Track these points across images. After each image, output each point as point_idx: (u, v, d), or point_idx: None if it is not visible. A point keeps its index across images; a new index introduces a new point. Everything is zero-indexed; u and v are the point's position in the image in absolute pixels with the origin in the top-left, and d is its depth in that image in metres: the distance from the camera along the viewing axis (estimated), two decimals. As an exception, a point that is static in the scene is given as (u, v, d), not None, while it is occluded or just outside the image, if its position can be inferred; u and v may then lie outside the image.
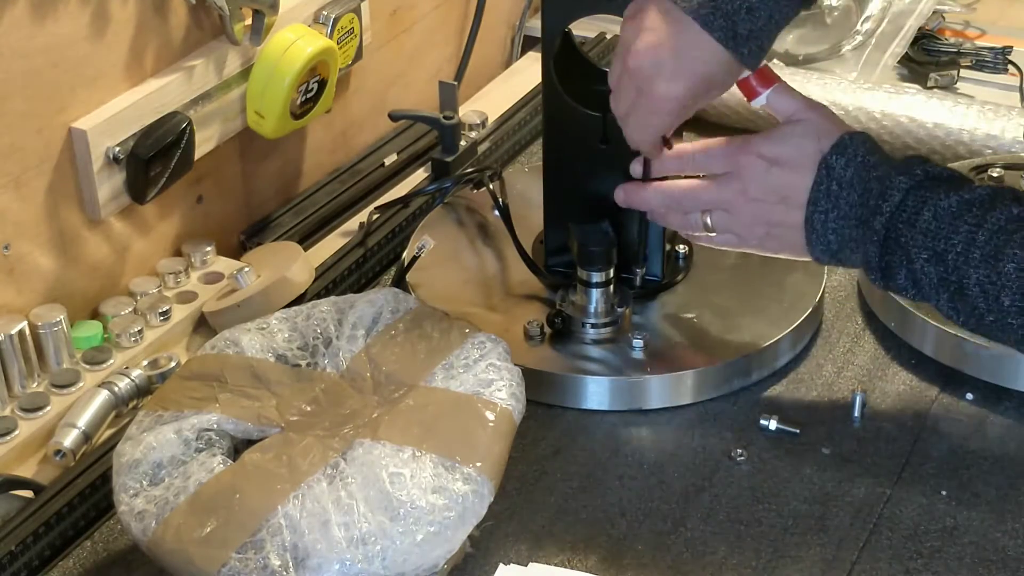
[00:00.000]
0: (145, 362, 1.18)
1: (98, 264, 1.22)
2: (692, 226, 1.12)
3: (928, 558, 1.01)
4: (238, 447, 1.00)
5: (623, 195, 1.15)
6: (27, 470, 1.09)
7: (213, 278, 1.28)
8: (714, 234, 1.11)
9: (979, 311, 0.99)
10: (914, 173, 1.02)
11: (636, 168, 1.14)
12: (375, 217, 1.37)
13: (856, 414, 1.13)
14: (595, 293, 1.18)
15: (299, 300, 1.22)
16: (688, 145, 1.12)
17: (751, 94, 1.10)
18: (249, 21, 1.26)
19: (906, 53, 1.62)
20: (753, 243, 1.10)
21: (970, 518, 1.04)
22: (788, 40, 1.67)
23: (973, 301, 0.98)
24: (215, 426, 0.99)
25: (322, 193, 1.43)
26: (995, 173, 1.34)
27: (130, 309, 1.22)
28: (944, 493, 1.06)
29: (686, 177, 1.12)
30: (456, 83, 1.49)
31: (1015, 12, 1.75)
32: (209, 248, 1.30)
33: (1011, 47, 1.63)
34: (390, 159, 1.50)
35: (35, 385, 1.14)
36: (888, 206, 1.01)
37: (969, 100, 1.52)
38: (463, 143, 1.46)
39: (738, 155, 1.08)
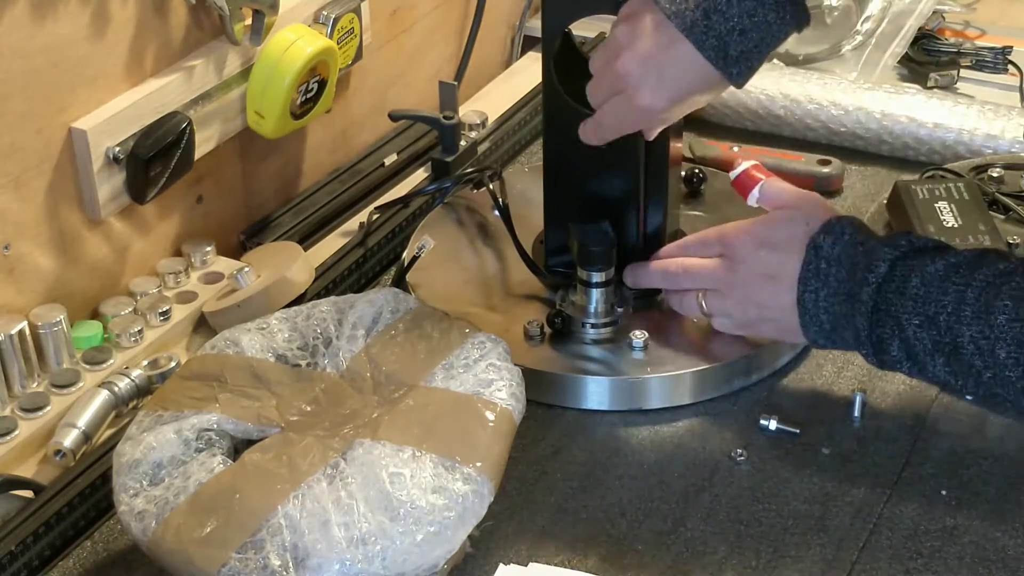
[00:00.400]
0: (145, 362, 1.18)
1: (98, 264, 1.22)
2: (689, 308, 1.16)
3: (928, 558, 1.01)
4: (238, 447, 1.00)
5: (631, 277, 1.19)
6: (27, 470, 1.09)
7: (213, 278, 1.28)
8: (711, 316, 1.15)
9: (976, 369, 0.99)
10: (899, 244, 1.03)
11: (628, 275, 1.19)
12: (375, 217, 1.37)
13: (856, 414, 1.13)
14: (595, 293, 1.18)
15: (299, 300, 1.22)
16: (688, 237, 1.18)
17: (744, 192, 1.15)
18: (249, 21, 1.26)
19: (906, 53, 1.62)
20: (747, 326, 1.13)
21: (970, 518, 1.04)
22: (788, 40, 1.67)
23: (969, 360, 0.99)
24: (215, 426, 0.99)
25: (322, 193, 1.43)
26: (995, 173, 1.34)
27: (130, 309, 1.22)
28: (944, 493, 1.06)
29: None
30: (456, 83, 1.49)
31: (1015, 12, 1.75)
32: (209, 248, 1.30)
33: (1011, 47, 1.63)
34: (390, 159, 1.49)
35: (35, 385, 1.14)
36: (875, 277, 1.02)
37: (969, 100, 1.52)
38: (463, 143, 1.46)
39: (730, 237, 1.13)
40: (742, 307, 1.12)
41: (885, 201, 1.35)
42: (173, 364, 1.17)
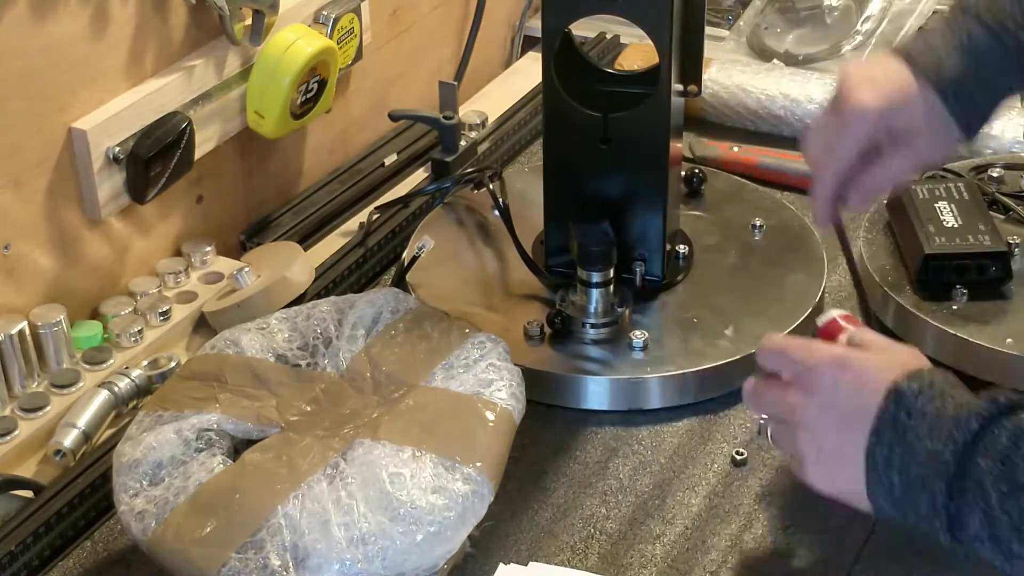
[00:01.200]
0: (145, 362, 1.18)
1: (98, 264, 1.22)
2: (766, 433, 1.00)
3: (928, 557, 1.01)
4: (238, 447, 1.00)
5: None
6: (27, 470, 1.09)
7: (213, 278, 1.28)
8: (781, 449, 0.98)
9: None
10: (997, 400, 0.85)
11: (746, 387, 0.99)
12: (375, 217, 1.37)
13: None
14: (595, 293, 1.18)
15: (299, 300, 1.22)
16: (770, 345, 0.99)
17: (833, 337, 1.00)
18: (249, 21, 1.26)
19: (906, 53, 1.62)
20: (805, 466, 0.93)
21: (970, 518, 1.04)
22: (788, 40, 1.67)
23: None
24: (215, 426, 0.99)
25: (322, 193, 1.43)
26: (995, 173, 1.34)
27: (130, 309, 1.22)
28: (944, 493, 1.06)
29: None
30: (456, 83, 1.49)
31: (1015, 12, 1.75)
32: (209, 248, 1.30)
33: (1011, 47, 1.62)
34: (390, 159, 1.50)
35: (35, 385, 1.14)
36: (962, 435, 0.84)
37: (969, 100, 1.52)
38: (463, 143, 1.46)
39: (811, 357, 0.93)
40: (808, 446, 0.92)
41: (885, 201, 1.35)
42: (173, 364, 1.17)
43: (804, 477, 0.93)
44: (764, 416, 0.98)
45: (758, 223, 1.32)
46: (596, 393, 1.16)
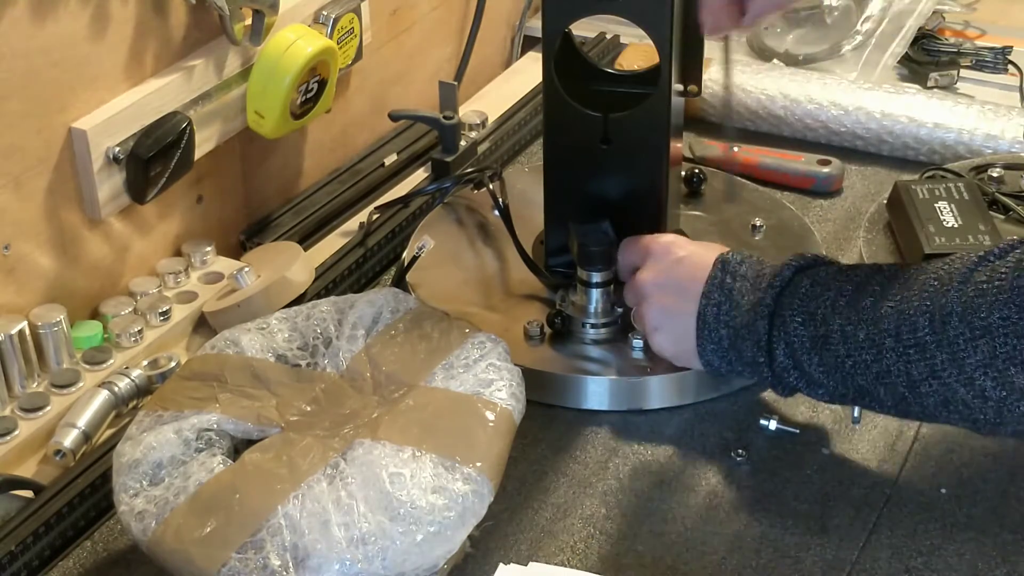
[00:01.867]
0: (145, 362, 1.18)
1: (98, 264, 1.22)
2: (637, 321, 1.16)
3: (928, 557, 1.01)
4: (238, 447, 1.00)
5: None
6: (27, 470, 1.09)
7: (213, 278, 1.28)
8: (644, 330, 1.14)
9: (839, 359, 1.00)
10: (805, 256, 1.05)
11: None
12: (375, 217, 1.37)
13: (855, 414, 1.13)
14: (595, 293, 1.18)
15: (299, 300, 1.22)
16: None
17: None
18: (249, 21, 1.26)
19: (906, 53, 1.62)
20: (653, 334, 1.12)
21: (970, 517, 1.04)
22: (788, 40, 1.67)
23: (835, 349, 1.00)
24: (215, 426, 0.99)
25: (322, 193, 1.43)
26: (995, 173, 1.34)
27: (130, 309, 1.22)
28: (944, 492, 1.06)
29: None
30: (456, 83, 1.49)
31: (1015, 12, 1.75)
32: (209, 248, 1.30)
33: (1011, 47, 1.63)
34: (390, 159, 1.50)
35: (35, 385, 1.14)
36: (779, 281, 1.04)
37: (969, 100, 1.52)
38: (463, 143, 1.46)
39: (651, 244, 1.14)
40: (653, 313, 1.12)
41: (885, 201, 1.35)
42: (173, 364, 1.17)
43: (652, 347, 1.12)
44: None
45: (758, 223, 1.32)
46: (596, 393, 1.16)
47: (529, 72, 1.63)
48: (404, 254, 1.31)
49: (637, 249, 1.16)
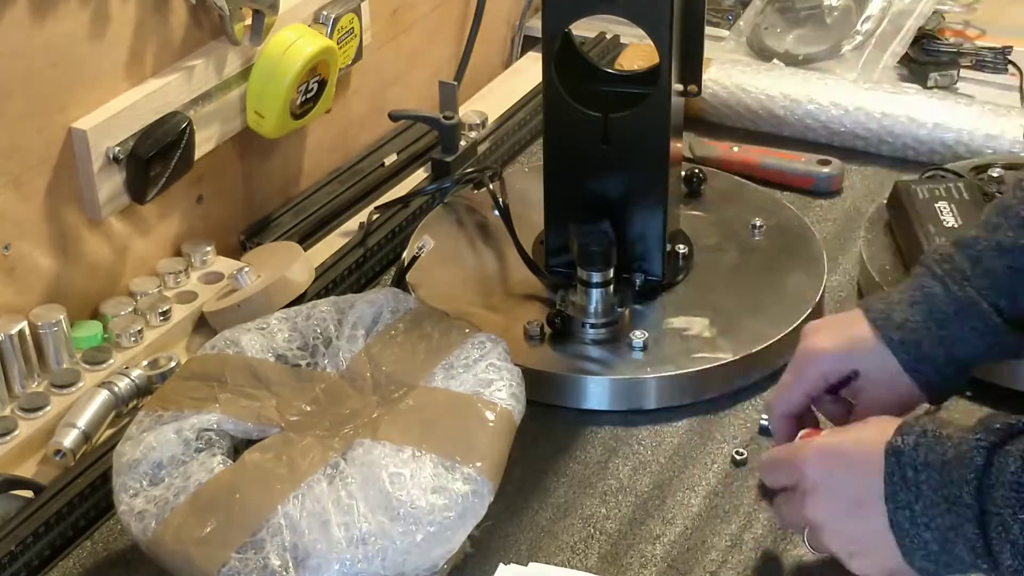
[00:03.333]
0: (145, 362, 1.18)
1: (98, 264, 1.22)
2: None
3: (928, 558, 1.01)
4: (238, 447, 1.00)
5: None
6: (27, 470, 1.09)
7: (213, 278, 1.28)
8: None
9: None
10: (992, 428, 0.85)
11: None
12: (375, 217, 1.37)
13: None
14: (595, 293, 1.18)
15: (299, 300, 1.22)
16: (763, 461, 1.00)
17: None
18: (249, 21, 1.26)
19: (906, 53, 1.62)
20: (850, 561, 0.91)
21: (970, 518, 1.04)
22: (788, 40, 1.67)
23: None
24: (215, 426, 0.99)
25: (322, 193, 1.43)
26: (995, 173, 1.34)
27: (130, 309, 1.22)
28: (944, 493, 1.06)
29: None
30: (456, 83, 1.49)
31: (1015, 12, 1.75)
32: (209, 248, 1.30)
33: (1011, 47, 1.63)
34: (390, 159, 1.50)
35: (35, 385, 1.14)
36: (973, 473, 0.83)
37: (969, 100, 1.52)
38: (463, 143, 1.46)
39: (798, 461, 0.93)
40: (837, 543, 0.91)
41: (885, 201, 1.35)
42: (173, 364, 1.17)
43: (856, 572, 0.90)
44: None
45: (758, 223, 1.32)
46: (596, 393, 1.16)
47: (529, 72, 1.63)
48: (404, 254, 1.31)
49: (784, 469, 0.95)
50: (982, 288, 0.99)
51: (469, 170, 1.41)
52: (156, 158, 1.19)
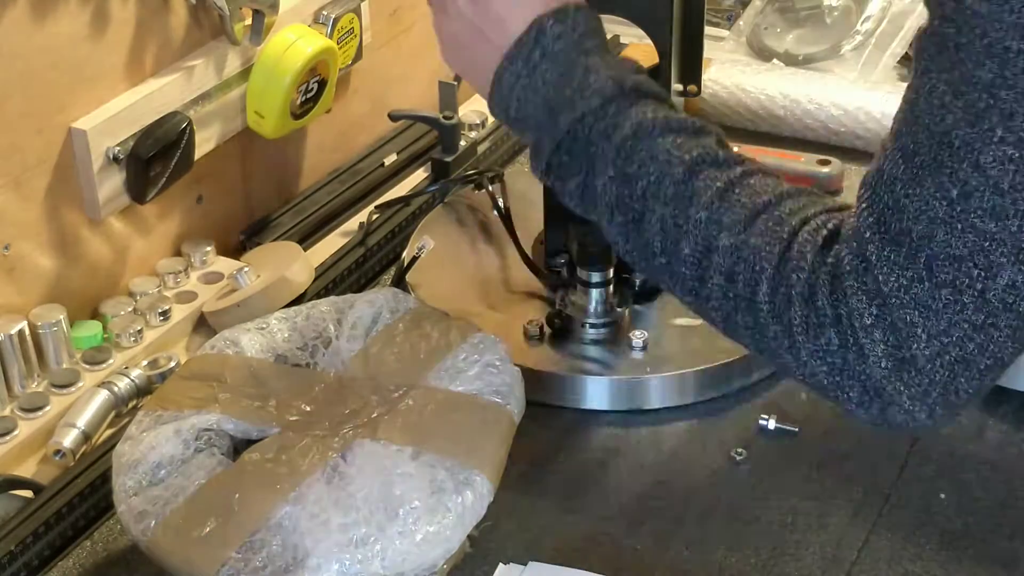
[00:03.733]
0: (145, 362, 1.18)
1: (98, 264, 1.22)
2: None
3: (927, 560, 1.01)
4: (238, 447, 1.00)
5: None
6: (27, 470, 1.09)
7: (213, 278, 1.28)
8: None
9: (652, 249, 0.90)
10: (623, 79, 0.92)
11: None
12: (375, 217, 1.37)
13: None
14: (595, 293, 1.18)
15: (299, 300, 1.22)
16: None
17: None
18: (249, 21, 1.26)
19: (906, 53, 1.62)
20: (443, 47, 1.01)
21: (968, 520, 1.04)
22: (788, 40, 1.67)
23: (649, 237, 0.90)
24: (215, 426, 0.99)
25: (322, 193, 1.43)
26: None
27: (130, 309, 1.22)
28: (943, 496, 1.06)
29: None
30: (456, 83, 1.49)
31: (1015, 12, 1.74)
32: (209, 248, 1.30)
33: (1011, 47, 1.62)
34: (390, 159, 1.49)
35: (35, 385, 1.14)
36: (584, 105, 0.91)
37: (969, 100, 1.52)
38: (463, 143, 1.46)
39: None
40: (451, 34, 1.00)
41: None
42: (173, 364, 1.17)
43: (441, 55, 1.01)
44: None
45: (758, 223, 1.32)
46: (596, 393, 1.16)
47: (529, 72, 1.63)
48: (404, 254, 1.31)
49: None
50: None
51: (469, 172, 1.40)
52: (156, 158, 1.19)
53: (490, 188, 1.30)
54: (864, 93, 1.50)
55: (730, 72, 1.55)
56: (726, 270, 0.87)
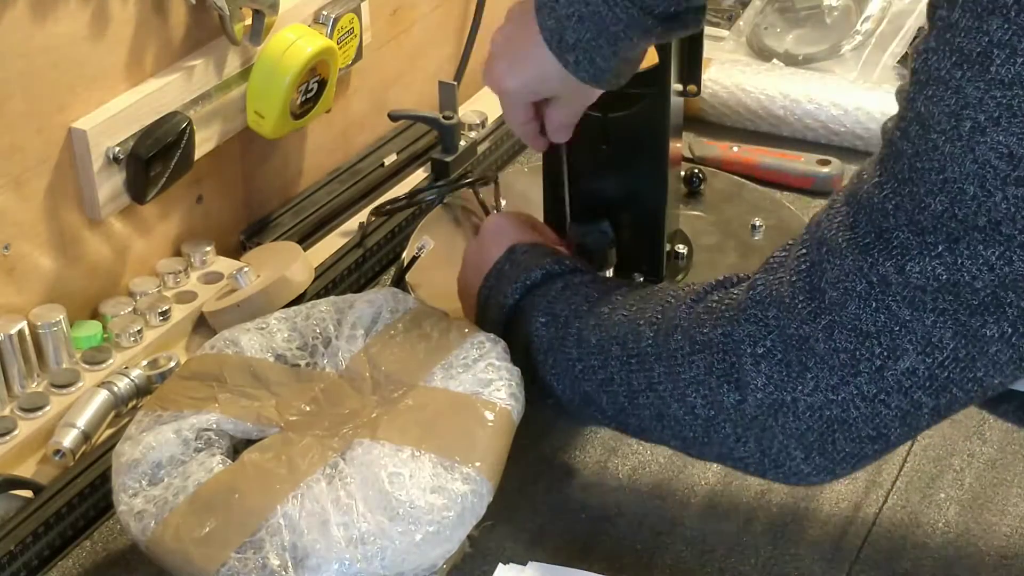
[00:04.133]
0: (145, 362, 1.18)
1: (98, 264, 1.22)
2: None
3: (926, 560, 1.01)
4: (237, 447, 1.00)
5: None
6: (27, 470, 1.09)
7: (213, 278, 1.28)
8: None
9: (571, 361, 0.99)
10: (563, 263, 1.06)
11: None
12: (374, 217, 1.37)
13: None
14: (595, 293, 1.18)
15: (299, 300, 1.22)
16: None
17: None
18: (249, 21, 1.26)
19: (906, 53, 1.62)
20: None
21: (968, 520, 1.04)
22: (788, 40, 1.67)
23: (568, 352, 0.99)
24: (214, 426, 0.99)
25: (322, 193, 1.43)
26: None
27: (130, 309, 1.22)
28: (943, 496, 1.06)
29: None
30: (456, 83, 1.49)
31: (1015, 12, 1.74)
32: (209, 248, 1.30)
33: (1011, 47, 1.62)
34: (390, 159, 1.50)
35: (35, 385, 1.14)
36: (528, 282, 1.05)
37: (969, 100, 1.52)
38: (463, 143, 1.46)
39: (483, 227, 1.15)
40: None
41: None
42: (173, 364, 1.17)
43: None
44: None
45: (758, 223, 1.32)
46: (596, 393, 1.16)
47: (529, 72, 1.63)
48: (404, 254, 1.31)
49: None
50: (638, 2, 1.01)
51: (467, 178, 1.40)
52: (156, 158, 1.19)
53: (479, 196, 1.30)
54: (864, 93, 1.50)
55: (730, 72, 1.55)
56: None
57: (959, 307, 0.77)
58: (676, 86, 1.19)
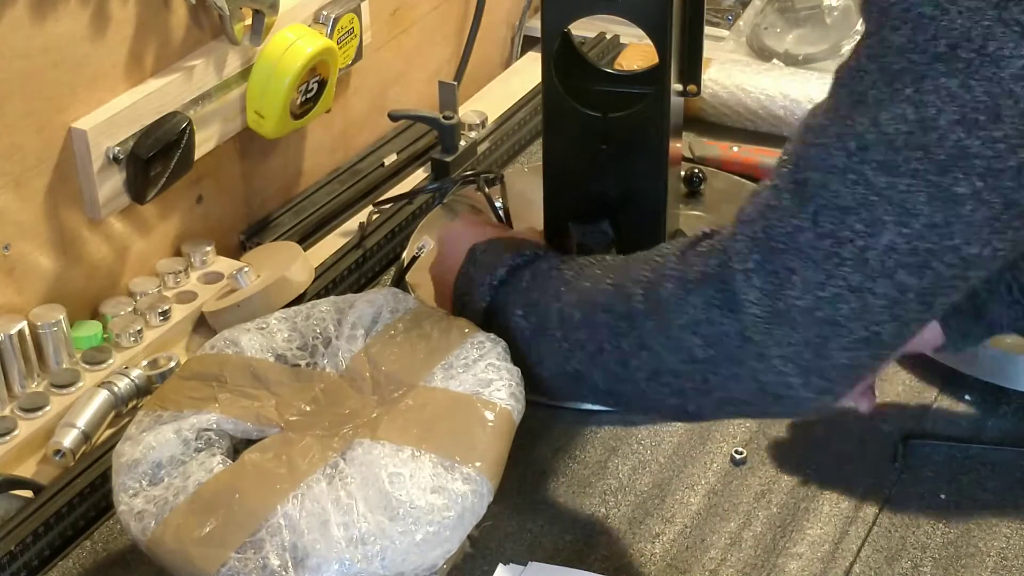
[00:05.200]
0: (145, 362, 1.18)
1: (98, 264, 1.22)
2: None
3: (926, 560, 1.01)
4: (238, 447, 1.00)
5: None
6: (27, 470, 1.09)
7: (213, 278, 1.28)
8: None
9: (556, 340, 0.99)
10: (524, 254, 1.07)
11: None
12: (374, 217, 1.37)
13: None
14: (595, 293, 1.18)
15: (299, 300, 1.22)
16: None
17: None
18: (249, 21, 1.26)
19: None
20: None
21: (968, 520, 1.04)
22: (788, 40, 1.67)
23: (552, 332, 0.99)
24: (214, 426, 0.99)
25: (322, 193, 1.43)
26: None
27: (130, 309, 1.22)
28: (943, 496, 1.06)
29: None
30: (456, 83, 1.49)
31: (1015, 12, 1.74)
32: (209, 248, 1.30)
33: (1011, 47, 1.62)
34: (390, 159, 1.50)
35: (35, 385, 1.14)
36: (497, 278, 1.06)
37: (969, 100, 1.52)
38: (463, 143, 1.46)
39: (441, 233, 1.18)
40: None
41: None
42: (173, 364, 1.17)
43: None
44: None
45: (758, 223, 1.32)
46: (596, 393, 1.16)
47: (529, 72, 1.63)
48: (404, 254, 1.31)
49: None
50: None
51: (469, 173, 1.40)
52: (156, 158, 1.19)
53: (486, 191, 1.30)
54: (864, 93, 1.49)
55: (730, 72, 1.55)
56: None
57: (929, 166, 0.79)
58: (676, 86, 1.19)
